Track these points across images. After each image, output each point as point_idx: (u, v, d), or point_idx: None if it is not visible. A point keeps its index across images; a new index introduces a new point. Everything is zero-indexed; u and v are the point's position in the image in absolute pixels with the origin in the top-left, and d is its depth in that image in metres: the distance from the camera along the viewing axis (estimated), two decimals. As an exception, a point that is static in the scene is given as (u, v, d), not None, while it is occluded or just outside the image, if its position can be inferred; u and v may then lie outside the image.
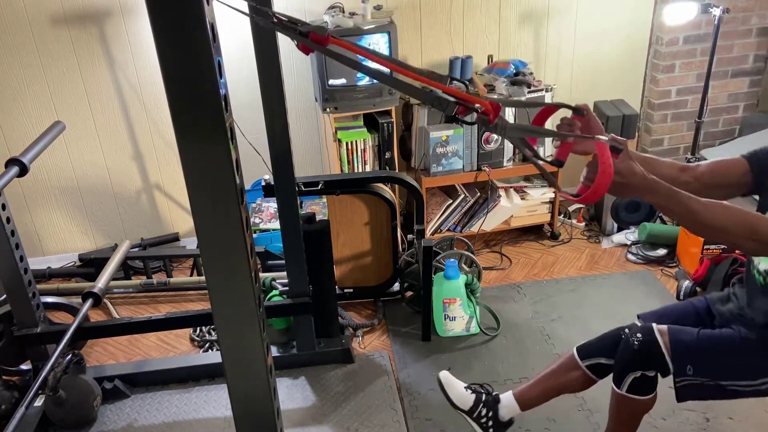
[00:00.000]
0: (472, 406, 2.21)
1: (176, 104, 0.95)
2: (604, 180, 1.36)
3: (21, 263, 2.41)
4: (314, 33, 1.33)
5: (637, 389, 1.87)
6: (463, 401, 2.23)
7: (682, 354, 1.80)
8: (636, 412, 1.96)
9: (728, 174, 1.75)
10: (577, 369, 2.06)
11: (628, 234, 3.58)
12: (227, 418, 2.51)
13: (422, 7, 3.41)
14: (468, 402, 2.22)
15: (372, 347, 2.90)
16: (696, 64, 3.68)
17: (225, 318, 1.14)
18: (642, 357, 1.83)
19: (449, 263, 2.87)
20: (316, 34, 1.33)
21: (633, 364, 1.86)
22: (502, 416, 2.18)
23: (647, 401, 1.91)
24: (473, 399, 2.22)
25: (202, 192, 1.02)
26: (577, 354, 2.07)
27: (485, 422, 2.19)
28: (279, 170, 2.45)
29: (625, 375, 1.87)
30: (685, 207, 1.49)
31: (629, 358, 1.86)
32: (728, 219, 1.50)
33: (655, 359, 1.82)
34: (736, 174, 1.74)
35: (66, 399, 2.40)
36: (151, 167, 3.52)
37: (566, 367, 2.09)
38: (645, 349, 1.82)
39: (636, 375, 1.85)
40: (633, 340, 1.84)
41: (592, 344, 2.07)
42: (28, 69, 3.19)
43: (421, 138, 3.42)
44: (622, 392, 1.89)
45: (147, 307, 3.30)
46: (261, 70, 2.23)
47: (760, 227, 1.49)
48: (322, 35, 1.33)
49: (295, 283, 2.65)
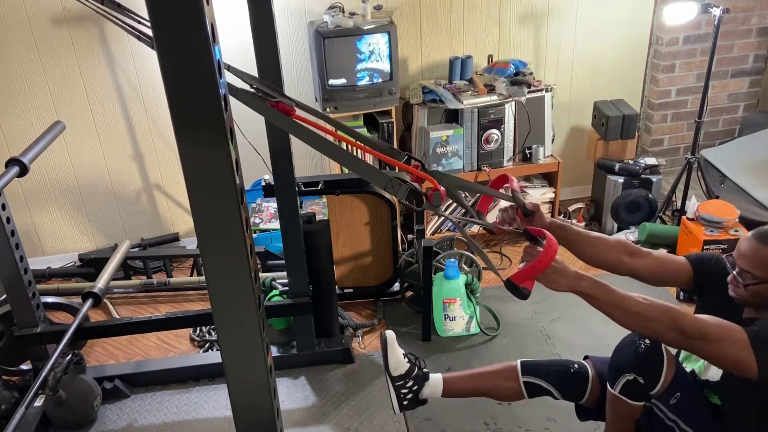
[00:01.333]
0: (403, 374, 2.18)
1: (176, 104, 0.95)
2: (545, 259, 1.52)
3: (21, 263, 2.41)
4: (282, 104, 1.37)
5: (630, 393, 1.87)
6: (397, 367, 2.19)
7: (679, 382, 1.81)
8: (627, 415, 1.95)
9: (672, 273, 1.88)
10: (514, 380, 2.08)
11: (628, 234, 3.58)
12: (227, 418, 2.51)
13: (422, 7, 3.41)
14: (400, 370, 2.19)
15: (372, 347, 2.90)
16: (696, 64, 3.68)
17: (225, 318, 1.14)
18: (642, 361, 1.82)
19: (449, 263, 2.87)
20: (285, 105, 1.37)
21: (630, 365, 1.85)
22: (423, 394, 2.17)
23: (637, 408, 1.90)
24: (406, 369, 2.18)
25: (202, 192, 1.02)
26: (521, 367, 2.09)
27: (405, 394, 2.17)
28: (279, 170, 2.45)
29: (620, 375, 1.86)
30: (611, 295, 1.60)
31: (629, 358, 1.85)
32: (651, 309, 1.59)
33: (652, 368, 1.81)
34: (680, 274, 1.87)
35: (66, 399, 2.40)
36: (151, 167, 3.52)
37: (505, 374, 2.11)
38: (648, 355, 1.81)
39: (629, 377, 1.84)
40: (640, 343, 1.83)
41: (538, 364, 2.11)
42: (28, 69, 3.19)
43: (421, 138, 3.42)
44: (615, 392, 1.88)
45: (147, 307, 3.30)
46: (261, 70, 2.23)
47: (680, 319, 1.58)
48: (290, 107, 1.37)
49: (295, 283, 2.65)
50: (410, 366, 2.20)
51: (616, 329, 1.74)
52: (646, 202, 3.52)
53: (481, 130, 3.34)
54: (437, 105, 3.33)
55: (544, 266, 1.52)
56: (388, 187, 1.40)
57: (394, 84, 3.20)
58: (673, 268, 1.87)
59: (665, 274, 1.88)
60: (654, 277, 1.89)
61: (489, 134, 3.35)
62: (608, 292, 1.61)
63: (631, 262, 1.89)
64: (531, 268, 1.52)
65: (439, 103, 3.32)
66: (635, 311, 1.59)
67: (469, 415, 2.46)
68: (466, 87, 3.37)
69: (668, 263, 1.88)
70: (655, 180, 3.51)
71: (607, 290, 1.61)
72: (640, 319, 1.60)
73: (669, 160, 3.90)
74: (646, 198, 3.51)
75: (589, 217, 3.78)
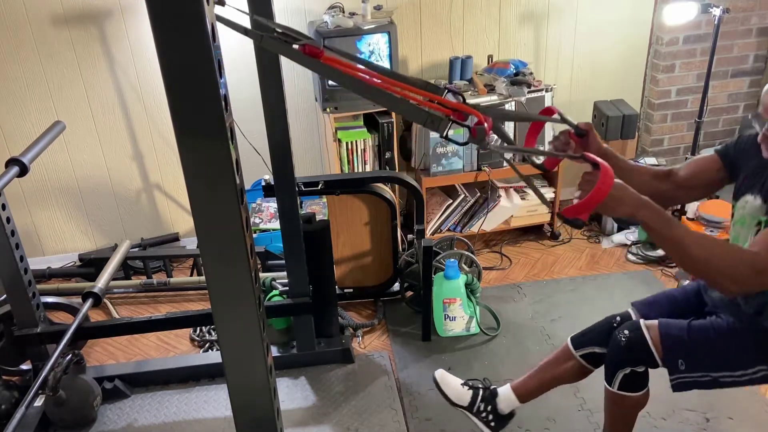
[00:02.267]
0: (470, 401, 2.21)
1: (176, 104, 0.95)
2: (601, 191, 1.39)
3: (21, 263, 2.41)
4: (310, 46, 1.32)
5: (629, 386, 1.87)
6: (460, 398, 2.23)
7: (673, 349, 1.79)
8: (629, 409, 1.96)
9: (705, 173, 1.80)
10: (572, 359, 2.06)
11: (628, 234, 3.58)
12: (227, 418, 2.51)
13: (422, 7, 3.41)
14: (465, 398, 2.22)
15: (372, 347, 2.90)
16: (696, 64, 3.68)
17: (225, 318, 1.14)
18: (630, 353, 1.83)
19: (449, 263, 2.87)
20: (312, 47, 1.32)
21: (621, 361, 1.86)
22: (502, 409, 2.19)
23: (639, 398, 1.90)
24: (470, 395, 2.22)
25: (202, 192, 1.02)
26: (571, 344, 2.07)
27: (485, 417, 2.19)
28: (279, 170, 2.45)
29: (615, 372, 1.87)
30: (670, 230, 1.47)
31: (617, 354, 1.86)
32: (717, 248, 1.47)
33: (643, 355, 1.81)
34: (712, 171, 1.78)
35: (66, 399, 2.40)
36: (151, 167, 3.52)
37: (561, 358, 2.10)
38: (632, 345, 1.82)
39: (626, 372, 1.85)
40: (620, 336, 1.84)
41: (585, 334, 2.07)
42: (28, 69, 3.19)
43: (421, 138, 3.42)
44: (614, 389, 1.89)
45: (147, 307, 3.30)
46: (261, 70, 2.23)
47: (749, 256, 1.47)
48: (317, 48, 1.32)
49: (295, 283, 2.65)
50: (473, 391, 2.23)
51: (616, 329, 1.74)
52: (646, 202, 3.51)
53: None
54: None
55: (600, 197, 1.40)
56: (428, 122, 1.30)
57: (394, 84, 3.19)
58: (704, 169, 1.80)
59: (696, 179, 1.79)
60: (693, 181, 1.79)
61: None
62: (668, 225, 1.46)
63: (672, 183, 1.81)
64: (587, 201, 1.41)
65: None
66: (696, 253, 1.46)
67: (469, 415, 2.47)
68: (466, 87, 3.37)
69: (697, 165, 1.81)
70: (655, 180, 3.50)
71: (668, 224, 1.47)
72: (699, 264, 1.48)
73: (669, 160, 3.90)
74: (646, 198, 3.50)
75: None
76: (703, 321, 1.84)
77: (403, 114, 1.40)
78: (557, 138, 1.80)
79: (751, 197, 1.66)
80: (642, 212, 1.46)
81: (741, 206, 1.70)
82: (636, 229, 3.51)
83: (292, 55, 1.35)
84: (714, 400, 2.46)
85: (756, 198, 1.64)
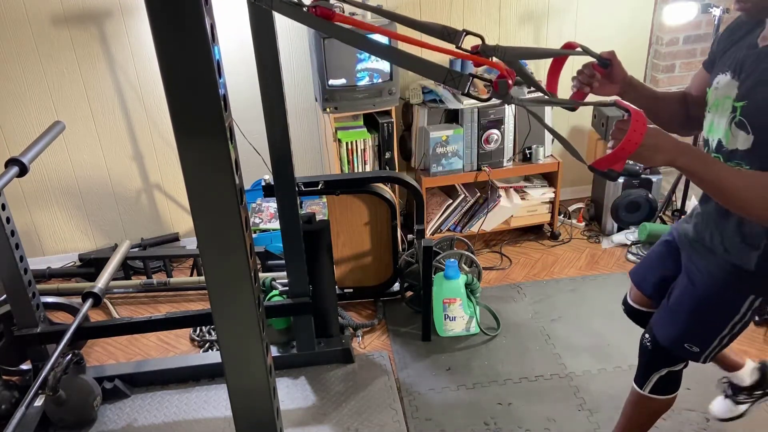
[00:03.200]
0: None
1: (176, 104, 0.95)
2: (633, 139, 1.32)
3: (21, 263, 2.41)
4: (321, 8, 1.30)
5: (662, 389, 1.83)
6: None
7: (675, 341, 1.75)
8: (653, 413, 1.93)
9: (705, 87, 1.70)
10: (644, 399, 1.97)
11: (628, 234, 3.58)
12: (227, 418, 2.51)
13: (422, 7, 3.41)
14: None
15: (372, 347, 2.90)
16: (696, 64, 3.67)
17: (225, 318, 1.14)
18: (659, 353, 1.79)
19: (449, 263, 2.87)
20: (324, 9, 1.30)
21: (655, 363, 1.82)
22: None
23: (668, 401, 1.87)
24: None
25: (202, 192, 1.02)
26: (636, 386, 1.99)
27: None
28: (279, 170, 2.45)
29: (650, 374, 1.82)
30: (712, 173, 1.40)
31: (649, 358, 1.82)
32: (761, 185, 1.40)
33: (673, 353, 1.78)
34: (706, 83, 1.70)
35: (66, 399, 2.40)
36: (151, 167, 3.52)
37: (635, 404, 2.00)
38: (657, 345, 1.79)
39: (662, 373, 1.81)
40: (645, 342, 1.81)
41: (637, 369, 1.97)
42: (28, 69, 3.19)
43: (421, 138, 3.42)
44: (645, 393, 1.85)
45: (147, 307, 3.30)
46: (261, 70, 2.23)
47: None
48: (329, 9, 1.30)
49: (295, 283, 2.65)
50: None
51: (616, 329, 1.73)
52: (646, 202, 3.52)
53: (481, 130, 3.34)
54: (437, 105, 3.33)
55: (634, 146, 1.33)
56: (448, 80, 1.25)
57: (394, 84, 3.20)
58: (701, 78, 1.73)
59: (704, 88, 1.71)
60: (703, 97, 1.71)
61: (489, 134, 3.34)
62: (707, 166, 1.40)
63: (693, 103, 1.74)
64: (620, 150, 1.34)
65: (439, 103, 3.32)
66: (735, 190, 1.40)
67: (469, 415, 2.47)
68: (466, 87, 3.36)
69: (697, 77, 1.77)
70: (655, 180, 3.51)
71: (707, 165, 1.40)
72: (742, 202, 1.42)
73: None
74: (646, 198, 3.51)
75: (589, 217, 3.78)
76: (675, 293, 1.77)
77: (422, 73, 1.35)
78: (581, 72, 1.74)
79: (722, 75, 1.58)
80: (680, 159, 1.39)
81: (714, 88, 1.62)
82: (636, 230, 3.51)
83: (304, 18, 1.32)
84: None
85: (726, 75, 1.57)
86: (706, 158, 1.43)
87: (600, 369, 2.65)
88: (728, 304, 1.68)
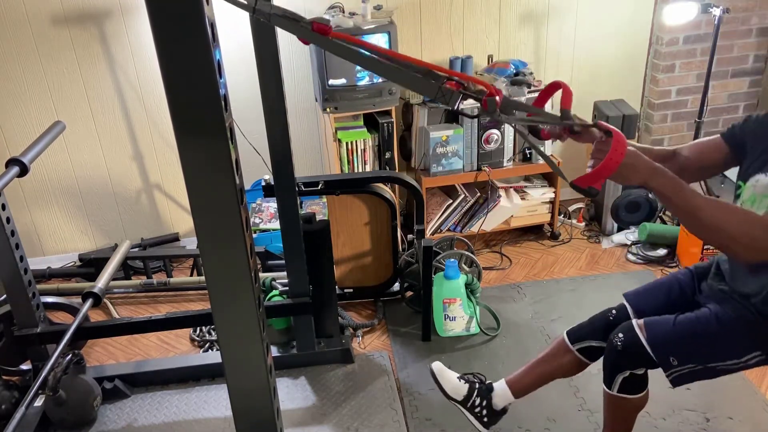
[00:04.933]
0: (466, 395, 2.20)
1: (176, 104, 0.95)
2: (614, 159, 1.36)
3: (21, 263, 2.41)
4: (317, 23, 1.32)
5: (629, 388, 1.87)
6: (457, 391, 2.22)
7: (662, 347, 1.78)
8: (629, 411, 1.95)
9: (710, 156, 1.76)
10: (568, 353, 2.06)
11: (628, 234, 3.58)
12: (227, 418, 2.51)
13: (422, 7, 3.41)
14: (461, 392, 2.21)
15: (372, 347, 2.90)
16: (696, 64, 3.68)
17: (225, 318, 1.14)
18: (628, 356, 1.82)
19: (449, 263, 2.87)
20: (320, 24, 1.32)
21: (620, 365, 1.85)
22: (496, 404, 2.18)
23: (639, 399, 1.90)
24: (467, 389, 2.21)
25: (202, 192, 1.02)
26: (568, 338, 2.07)
27: (479, 411, 2.19)
28: (279, 170, 2.45)
29: (615, 375, 1.86)
30: (684, 200, 1.44)
31: (615, 358, 1.86)
32: (730, 217, 1.43)
33: (641, 356, 1.81)
34: (717, 154, 1.75)
35: (66, 399, 2.40)
36: (151, 167, 3.52)
37: (557, 352, 2.09)
38: (629, 349, 1.81)
39: (625, 375, 1.84)
40: (616, 341, 1.83)
41: (582, 327, 2.07)
42: (28, 69, 3.19)
43: (421, 138, 3.42)
44: (614, 393, 1.88)
45: (147, 307, 3.30)
46: (261, 70, 2.23)
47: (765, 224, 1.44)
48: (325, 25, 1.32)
49: (295, 283, 2.65)
50: (469, 384, 2.22)
51: (616, 329, 1.74)
52: (646, 202, 3.52)
53: (481, 130, 3.34)
54: (437, 105, 3.33)
55: (614, 166, 1.37)
56: (439, 96, 1.29)
57: (394, 84, 3.20)
58: (708, 152, 1.76)
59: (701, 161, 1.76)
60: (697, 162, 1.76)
61: (489, 134, 3.34)
62: (682, 192, 1.43)
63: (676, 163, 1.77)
64: (600, 169, 1.39)
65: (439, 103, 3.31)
66: (710, 220, 1.43)
67: (469, 415, 2.47)
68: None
69: (701, 147, 1.78)
70: (655, 180, 3.50)
71: (682, 191, 1.43)
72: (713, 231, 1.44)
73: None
74: (646, 198, 3.51)
75: (589, 217, 3.78)
76: (689, 314, 1.81)
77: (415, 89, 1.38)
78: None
79: (763, 176, 1.62)
80: (656, 180, 1.43)
81: (751, 185, 1.66)
82: (636, 229, 3.51)
83: (301, 33, 1.34)
84: (714, 400, 2.46)
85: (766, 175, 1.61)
86: (681, 184, 1.45)
87: (600, 369, 2.64)
88: (731, 347, 1.74)
